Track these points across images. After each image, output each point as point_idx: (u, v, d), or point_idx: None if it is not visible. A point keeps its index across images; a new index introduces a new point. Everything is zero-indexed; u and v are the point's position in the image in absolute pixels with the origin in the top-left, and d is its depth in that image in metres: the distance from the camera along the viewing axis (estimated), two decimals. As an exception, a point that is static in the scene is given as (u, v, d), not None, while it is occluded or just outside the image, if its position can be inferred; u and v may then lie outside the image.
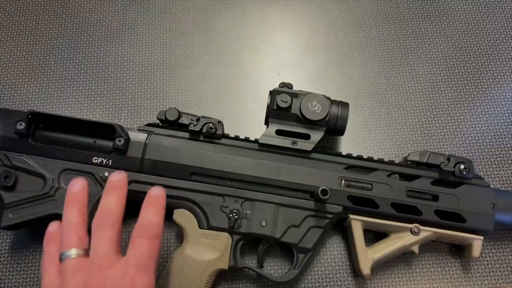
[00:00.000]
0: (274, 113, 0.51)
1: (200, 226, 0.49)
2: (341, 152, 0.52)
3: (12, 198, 0.48)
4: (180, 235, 0.54)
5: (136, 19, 0.66)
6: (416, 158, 0.52)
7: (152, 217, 0.41)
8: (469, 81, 0.63)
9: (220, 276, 0.52)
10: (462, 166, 0.51)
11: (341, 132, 0.51)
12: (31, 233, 0.54)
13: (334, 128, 0.51)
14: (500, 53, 0.65)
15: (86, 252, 0.40)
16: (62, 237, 0.40)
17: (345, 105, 0.51)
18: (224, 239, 0.49)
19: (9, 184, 0.48)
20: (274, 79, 0.62)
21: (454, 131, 0.60)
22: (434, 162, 0.51)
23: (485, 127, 0.61)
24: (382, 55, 0.64)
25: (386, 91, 0.62)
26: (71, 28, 0.65)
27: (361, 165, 0.51)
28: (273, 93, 0.51)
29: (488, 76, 0.63)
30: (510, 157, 0.59)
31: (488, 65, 0.64)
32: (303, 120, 0.50)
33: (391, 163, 0.52)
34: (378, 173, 0.51)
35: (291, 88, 0.52)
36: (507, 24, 0.66)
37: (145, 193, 0.50)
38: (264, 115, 0.52)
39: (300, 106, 0.50)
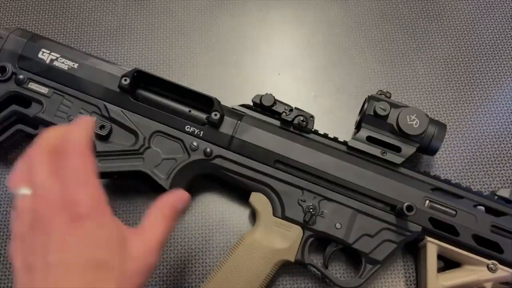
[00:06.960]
0: (369, 119, 0.50)
1: (274, 214, 0.49)
2: (429, 172, 0.51)
3: (104, 147, 0.50)
4: (253, 217, 0.54)
5: (136, 19, 0.66)
6: (506, 195, 0.50)
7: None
8: (469, 81, 0.63)
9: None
10: None
11: (433, 152, 0.51)
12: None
13: (427, 146, 0.50)
14: (500, 53, 0.65)
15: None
16: None
17: (442, 126, 0.50)
18: (296, 232, 0.49)
19: (104, 134, 0.50)
20: (274, 79, 0.62)
21: (454, 131, 0.60)
22: None
23: (485, 127, 0.61)
24: (382, 55, 0.64)
25: (386, 91, 0.62)
26: (71, 28, 0.65)
27: (448, 190, 0.50)
28: (371, 99, 0.50)
29: (488, 76, 0.63)
30: (510, 157, 0.59)
31: (488, 65, 0.64)
32: (398, 132, 0.49)
33: (479, 193, 0.50)
34: (464, 201, 0.49)
35: (390, 97, 0.51)
36: (507, 24, 0.66)
37: (228, 169, 0.50)
38: (264, 115, 0.52)
39: (397, 117, 0.49)
